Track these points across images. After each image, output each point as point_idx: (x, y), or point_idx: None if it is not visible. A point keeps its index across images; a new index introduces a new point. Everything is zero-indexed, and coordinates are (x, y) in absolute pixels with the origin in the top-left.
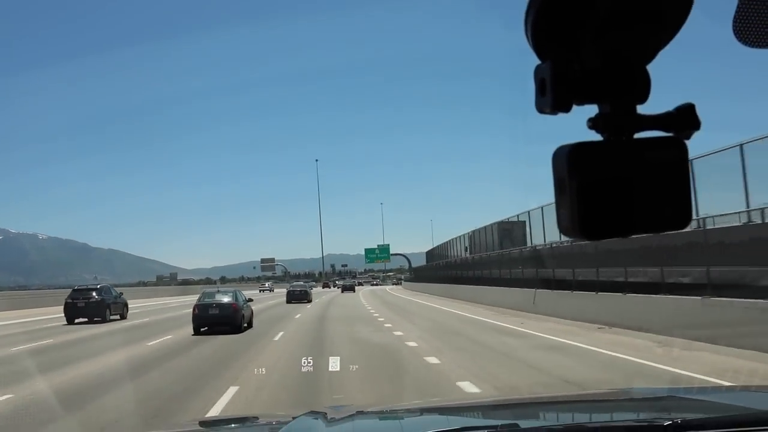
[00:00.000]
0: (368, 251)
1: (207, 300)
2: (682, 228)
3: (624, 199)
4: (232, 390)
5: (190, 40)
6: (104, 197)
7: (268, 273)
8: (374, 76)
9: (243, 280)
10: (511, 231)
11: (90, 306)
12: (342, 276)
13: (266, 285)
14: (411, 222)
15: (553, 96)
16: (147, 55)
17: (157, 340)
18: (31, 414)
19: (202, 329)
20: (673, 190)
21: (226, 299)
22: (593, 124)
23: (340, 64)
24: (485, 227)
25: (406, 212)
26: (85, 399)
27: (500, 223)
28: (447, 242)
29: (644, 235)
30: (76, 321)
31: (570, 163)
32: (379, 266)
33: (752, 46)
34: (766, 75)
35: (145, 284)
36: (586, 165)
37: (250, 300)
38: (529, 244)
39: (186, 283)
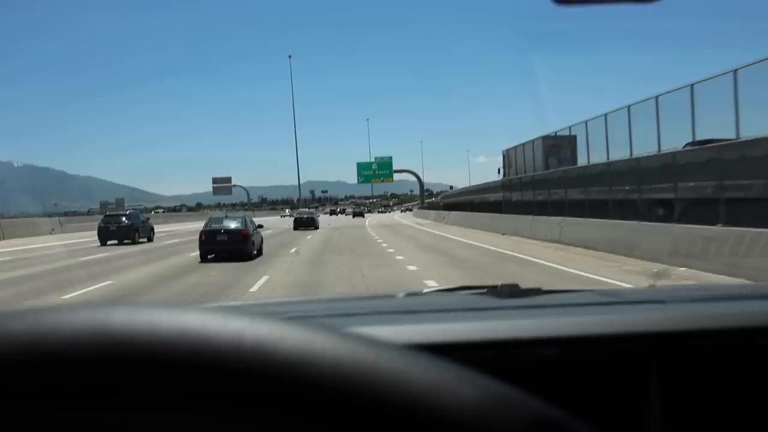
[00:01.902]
0: (361, 167)
1: (214, 226)
2: None
3: None
4: None
5: None
6: (82, 125)
7: (223, 196)
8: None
9: (219, 206)
10: (559, 147)
11: (121, 229)
12: (322, 202)
13: (286, 212)
14: (400, 149)
15: None
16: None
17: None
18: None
19: (209, 257)
20: None
21: (234, 225)
22: None
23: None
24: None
25: (393, 140)
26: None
27: (545, 138)
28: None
29: None
30: (108, 243)
31: None
32: (373, 189)
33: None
34: None
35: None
36: None
37: (260, 226)
38: (584, 161)
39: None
